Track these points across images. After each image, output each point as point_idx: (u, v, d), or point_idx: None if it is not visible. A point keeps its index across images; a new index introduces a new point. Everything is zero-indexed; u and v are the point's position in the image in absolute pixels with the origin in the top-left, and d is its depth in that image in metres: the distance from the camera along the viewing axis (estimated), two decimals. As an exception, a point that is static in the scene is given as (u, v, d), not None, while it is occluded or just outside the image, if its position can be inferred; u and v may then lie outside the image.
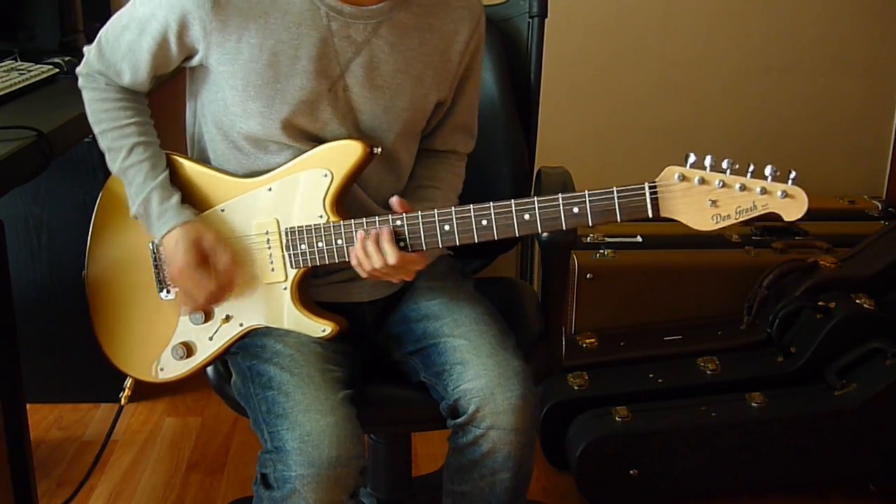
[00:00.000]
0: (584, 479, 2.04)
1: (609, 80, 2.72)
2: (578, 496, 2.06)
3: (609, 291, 2.33)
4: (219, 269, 1.38)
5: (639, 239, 2.43)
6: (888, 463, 2.05)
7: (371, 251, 1.32)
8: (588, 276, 2.31)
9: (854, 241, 2.36)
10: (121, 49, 1.41)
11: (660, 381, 2.15)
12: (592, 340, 2.29)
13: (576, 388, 2.15)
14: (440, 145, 1.54)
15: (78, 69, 1.47)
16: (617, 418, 2.03)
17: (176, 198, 1.40)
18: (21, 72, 1.95)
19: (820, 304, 2.13)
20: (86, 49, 1.47)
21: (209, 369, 1.53)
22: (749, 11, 2.70)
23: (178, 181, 1.43)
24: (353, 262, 1.36)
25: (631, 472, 2.02)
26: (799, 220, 1.20)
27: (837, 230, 2.51)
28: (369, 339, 1.52)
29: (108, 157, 1.44)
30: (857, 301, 2.12)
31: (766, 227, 2.50)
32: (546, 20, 1.74)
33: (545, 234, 1.51)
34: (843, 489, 2.12)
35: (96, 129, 1.44)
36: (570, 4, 2.61)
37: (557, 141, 2.31)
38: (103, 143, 1.44)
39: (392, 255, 1.32)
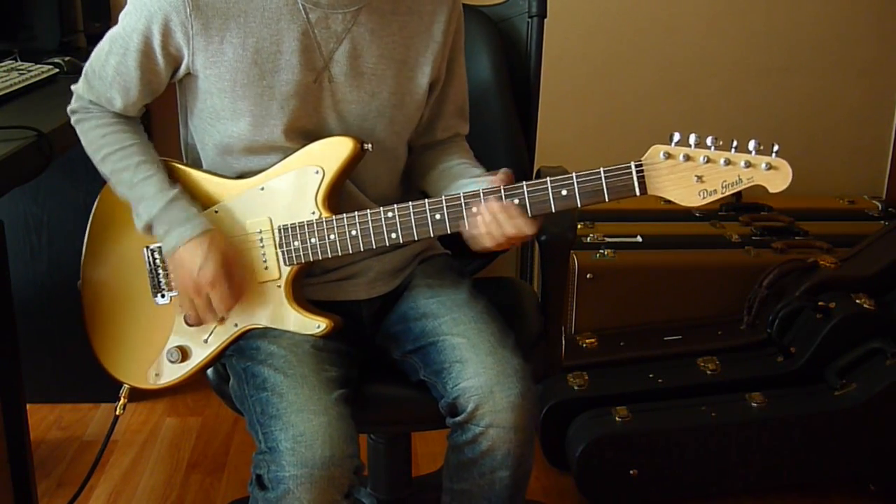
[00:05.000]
0: (584, 479, 2.04)
1: (609, 79, 2.72)
2: (578, 496, 2.06)
3: (609, 291, 2.33)
4: (236, 281, 1.38)
5: (639, 239, 2.43)
6: (888, 463, 2.05)
7: (503, 220, 1.30)
8: (588, 276, 2.31)
9: (854, 241, 2.36)
10: (108, 75, 1.41)
11: (660, 381, 2.15)
12: (592, 340, 2.29)
13: (576, 388, 2.15)
14: (441, 133, 1.54)
15: (69, 108, 1.47)
16: (617, 418, 2.03)
17: (197, 207, 1.40)
18: (21, 72, 1.95)
19: (820, 304, 2.13)
20: (73, 87, 1.47)
21: (209, 370, 1.53)
22: (749, 11, 2.70)
23: None
24: (483, 231, 1.32)
25: (631, 472, 2.02)
26: (787, 199, 1.21)
27: (837, 230, 2.51)
28: (367, 338, 1.52)
29: (113, 181, 1.43)
30: (857, 301, 2.12)
31: (767, 228, 2.50)
32: (546, 20, 1.74)
33: (545, 235, 1.52)
34: (843, 489, 2.12)
35: (97, 157, 1.44)
36: (570, 4, 2.61)
37: (557, 140, 2.31)
38: (106, 168, 1.43)
39: (530, 227, 1.30)
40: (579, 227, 2.46)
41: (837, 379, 2.06)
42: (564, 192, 1.29)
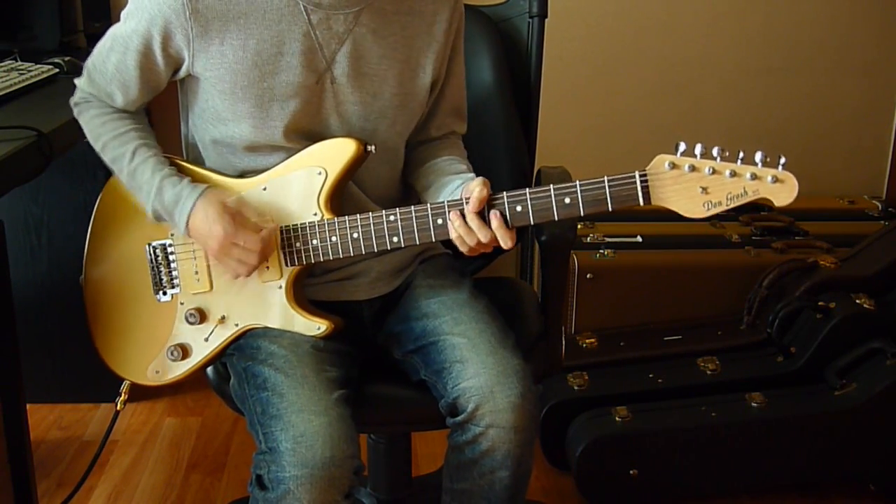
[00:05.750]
0: (584, 479, 2.04)
1: (609, 79, 2.72)
2: (578, 496, 2.06)
3: (609, 291, 2.33)
4: (250, 224, 1.37)
5: (639, 239, 2.43)
6: (888, 463, 2.05)
7: (476, 227, 1.31)
8: (588, 276, 2.31)
9: (854, 241, 2.36)
10: (109, 72, 1.41)
11: (660, 381, 2.15)
12: (592, 340, 2.29)
13: (576, 388, 2.15)
14: (436, 131, 1.54)
15: (71, 100, 1.47)
16: (617, 418, 2.03)
17: (187, 179, 1.40)
18: (21, 72, 1.95)
19: (820, 304, 2.13)
20: (76, 80, 1.47)
21: (209, 370, 1.53)
22: (749, 11, 2.70)
23: None
24: (453, 236, 1.33)
25: (631, 472, 2.02)
26: (789, 204, 1.20)
27: (837, 230, 2.51)
28: (368, 338, 1.52)
29: (115, 169, 1.44)
30: (857, 301, 2.12)
31: (767, 228, 2.50)
32: (546, 20, 1.74)
33: (545, 235, 1.52)
34: (843, 489, 2.12)
35: (98, 145, 1.44)
36: (570, 4, 2.61)
37: (557, 141, 2.32)
38: (107, 156, 1.44)
39: (509, 239, 1.31)
40: (579, 227, 2.46)
41: (837, 379, 2.06)
42: (568, 200, 1.28)
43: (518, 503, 1.43)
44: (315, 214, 1.38)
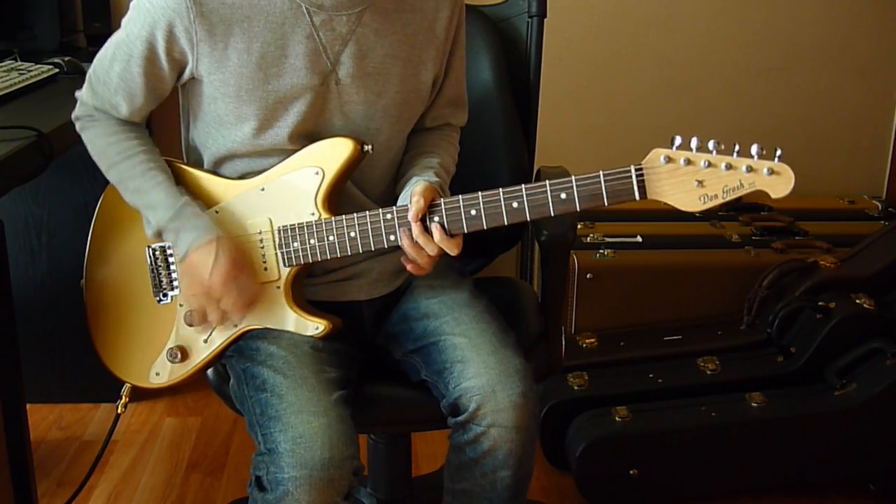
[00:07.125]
0: (584, 479, 2.04)
1: (609, 79, 2.72)
2: (578, 496, 2.06)
3: (609, 291, 2.33)
4: (244, 284, 1.37)
5: (639, 239, 2.43)
6: (888, 463, 2.05)
7: (424, 244, 1.33)
8: (588, 276, 2.31)
9: (854, 241, 2.36)
10: (112, 82, 1.40)
11: (660, 381, 2.15)
12: (592, 340, 2.29)
13: (576, 388, 2.15)
14: (430, 122, 1.54)
15: (73, 114, 1.46)
16: (617, 418, 2.03)
17: (207, 213, 1.40)
18: (21, 72, 1.95)
19: (820, 304, 2.13)
20: (77, 93, 1.46)
21: (209, 370, 1.53)
22: (749, 11, 2.70)
23: None
24: (408, 265, 1.36)
25: (631, 472, 2.02)
26: (787, 198, 1.19)
27: (837, 230, 2.52)
28: (368, 339, 1.52)
29: (120, 189, 1.43)
30: (857, 301, 2.12)
31: (767, 228, 2.50)
32: (545, 20, 1.74)
33: (545, 234, 1.52)
34: (843, 489, 2.12)
35: (104, 164, 1.43)
36: (570, 4, 2.61)
37: (557, 140, 2.32)
38: (114, 175, 1.43)
39: (454, 247, 1.32)
40: (579, 227, 2.46)
41: (837, 379, 2.06)
42: (563, 196, 1.28)
43: (520, 502, 1.43)
44: (312, 214, 1.38)
